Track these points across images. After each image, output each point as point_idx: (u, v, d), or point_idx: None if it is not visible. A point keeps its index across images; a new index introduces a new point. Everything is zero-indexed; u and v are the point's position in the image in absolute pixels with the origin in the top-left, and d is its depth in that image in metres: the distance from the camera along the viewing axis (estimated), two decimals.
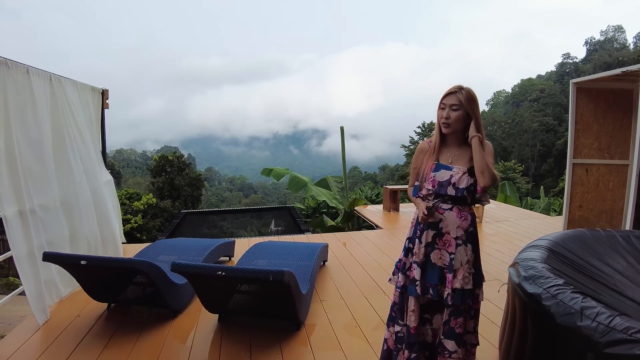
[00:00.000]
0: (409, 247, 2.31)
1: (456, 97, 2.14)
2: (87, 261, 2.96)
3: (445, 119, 2.17)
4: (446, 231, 2.20)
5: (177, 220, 7.97)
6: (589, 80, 5.40)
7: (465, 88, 2.16)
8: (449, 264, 2.18)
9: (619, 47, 59.68)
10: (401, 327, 2.31)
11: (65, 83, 4.12)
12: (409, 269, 2.28)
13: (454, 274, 2.16)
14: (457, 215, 2.19)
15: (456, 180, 2.16)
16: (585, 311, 1.84)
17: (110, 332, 3.19)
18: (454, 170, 2.18)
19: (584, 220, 5.70)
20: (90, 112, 4.77)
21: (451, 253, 2.18)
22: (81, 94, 4.48)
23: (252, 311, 3.24)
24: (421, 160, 2.30)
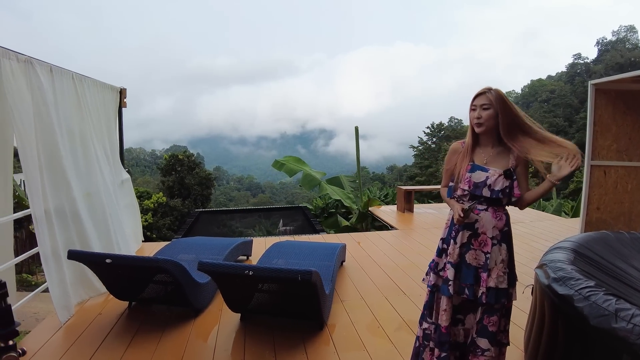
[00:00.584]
0: (442, 247, 2.34)
1: (486, 97, 2.18)
2: (112, 260, 2.99)
3: (477, 119, 2.20)
4: (482, 231, 2.22)
5: (192, 219, 8.02)
6: (608, 82, 5.36)
7: (494, 88, 2.20)
8: (484, 263, 2.21)
9: (631, 47, 58.99)
10: (429, 325, 2.34)
11: (85, 82, 4.17)
12: (442, 269, 2.31)
13: (488, 273, 2.19)
14: (493, 216, 2.23)
15: (492, 182, 2.18)
16: (620, 313, 1.83)
17: (132, 331, 3.22)
18: (490, 172, 2.20)
19: (602, 223, 5.66)
20: (110, 110, 4.82)
21: (487, 252, 2.21)
22: (101, 93, 4.53)
23: (275, 310, 3.26)
24: (454, 161, 2.32)
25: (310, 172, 10.18)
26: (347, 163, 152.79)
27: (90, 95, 4.22)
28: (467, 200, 2.25)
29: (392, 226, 7.18)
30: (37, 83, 3.23)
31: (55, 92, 3.53)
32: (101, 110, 4.49)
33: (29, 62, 3.18)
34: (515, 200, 2.23)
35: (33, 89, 3.18)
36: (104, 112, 4.60)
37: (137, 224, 5.31)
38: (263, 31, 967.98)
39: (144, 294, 3.48)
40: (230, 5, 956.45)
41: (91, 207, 3.86)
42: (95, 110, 4.31)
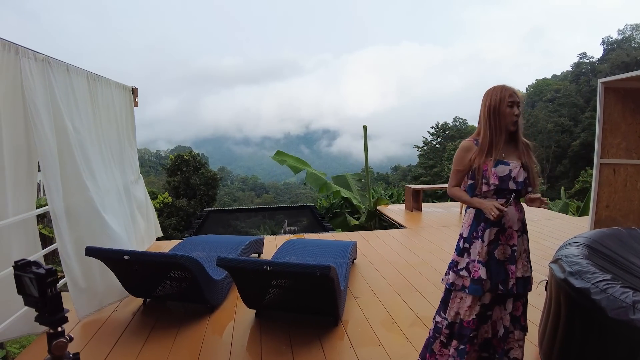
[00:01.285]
0: (464, 247, 2.31)
1: (519, 96, 2.26)
2: (130, 256, 3.03)
3: (517, 116, 2.24)
4: (509, 226, 2.26)
5: (202, 218, 8.08)
6: (617, 80, 5.36)
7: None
8: (510, 255, 2.26)
9: (637, 46, 58.56)
10: (441, 320, 2.37)
11: (99, 81, 4.22)
12: (466, 269, 2.28)
13: (515, 265, 2.25)
14: (516, 209, 2.27)
15: (516, 174, 2.22)
16: (638, 305, 1.86)
17: (148, 328, 3.26)
18: (512, 164, 2.24)
19: (611, 221, 5.66)
20: (124, 109, 4.87)
21: (513, 245, 2.26)
22: (114, 92, 4.59)
23: (290, 306, 3.30)
24: (469, 159, 2.30)
25: (314, 172, 10.19)
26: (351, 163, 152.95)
27: (104, 94, 4.27)
28: (492, 197, 2.26)
29: (401, 225, 7.20)
30: (54, 82, 3.28)
31: (74, 91, 3.58)
32: (116, 108, 4.55)
33: (46, 62, 3.22)
34: (530, 191, 2.30)
35: (50, 88, 3.22)
36: (118, 111, 4.65)
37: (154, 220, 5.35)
38: (269, 31, 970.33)
39: (159, 290, 3.51)
40: (238, 5, 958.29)
41: (107, 204, 3.90)
42: (109, 109, 4.37)
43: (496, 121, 2.24)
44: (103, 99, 4.23)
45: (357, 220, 9.69)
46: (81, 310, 3.37)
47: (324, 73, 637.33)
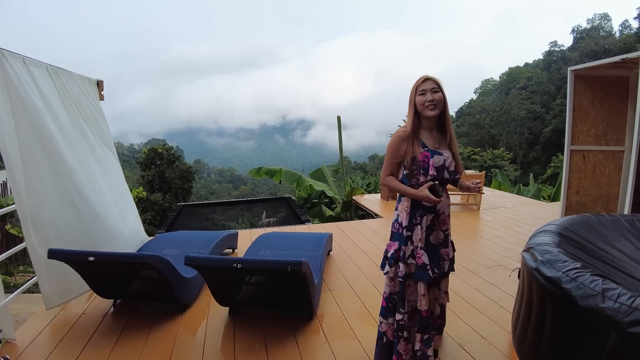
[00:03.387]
0: (407, 235, 2.36)
1: (433, 81, 2.30)
2: (95, 257, 2.90)
3: (431, 102, 2.26)
4: (442, 212, 2.40)
5: (174, 213, 7.89)
6: (586, 68, 5.44)
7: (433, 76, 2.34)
8: (444, 239, 2.43)
9: (605, 35, 60.19)
10: (403, 315, 2.38)
11: (61, 74, 4.01)
12: (411, 257, 2.35)
13: (447, 247, 2.46)
14: (447, 195, 2.43)
15: (449, 164, 2.33)
16: (606, 293, 1.87)
17: (119, 329, 3.16)
18: (445, 155, 2.33)
19: (581, 206, 5.79)
20: (92, 102, 4.65)
21: (446, 230, 2.44)
22: (81, 85, 4.38)
23: (264, 302, 3.23)
24: (404, 149, 2.33)
25: (288, 170, 10.30)
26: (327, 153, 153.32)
27: (69, 87, 4.07)
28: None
29: (376, 214, 7.21)
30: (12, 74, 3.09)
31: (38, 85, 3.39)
32: (83, 102, 4.34)
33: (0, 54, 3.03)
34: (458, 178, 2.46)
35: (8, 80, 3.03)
36: (85, 104, 4.44)
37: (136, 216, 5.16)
38: (246, 19, 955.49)
39: (129, 291, 3.41)
40: None
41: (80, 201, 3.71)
42: (76, 103, 4.15)
43: (414, 110, 2.32)
44: (68, 91, 4.02)
45: (332, 212, 9.68)
46: (50, 301, 3.22)
47: (302, 61, 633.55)
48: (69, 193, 3.48)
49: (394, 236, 2.45)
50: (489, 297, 3.55)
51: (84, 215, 3.60)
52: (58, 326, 3.24)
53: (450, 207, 2.52)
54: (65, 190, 3.44)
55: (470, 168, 27.99)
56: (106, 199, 4.02)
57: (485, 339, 2.87)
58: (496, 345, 2.79)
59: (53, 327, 3.24)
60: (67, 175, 3.45)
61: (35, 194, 3.14)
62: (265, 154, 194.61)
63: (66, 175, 3.45)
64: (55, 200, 3.36)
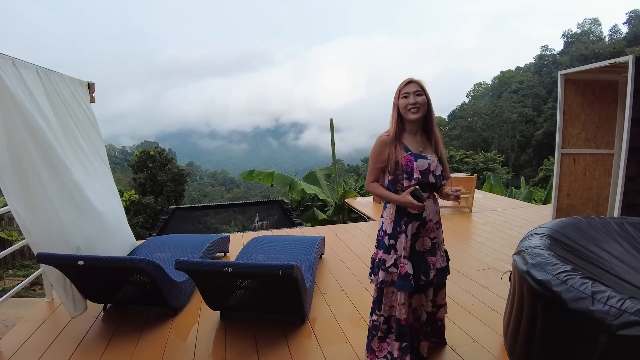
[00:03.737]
0: (390, 244, 2.34)
1: (416, 84, 2.25)
2: (84, 261, 2.86)
3: (413, 105, 2.23)
4: (429, 219, 2.33)
5: (166, 216, 7.84)
6: (576, 72, 5.49)
7: (417, 79, 2.29)
8: (431, 247, 2.36)
9: (595, 40, 60.93)
10: (377, 317, 2.45)
11: (51, 76, 3.97)
12: (394, 266, 2.33)
13: (435, 256, 2.38)
14: (434, 201, 2.37)
15: (434, 168, 2.27)
16: (596, 295, 1.88)
17: (109, 334, 3.13)
18: (430, 158, 2.28)
19: (572, 209, 5.83)
20: (82, 105, 4.61)
21: (433, 238, 2.37)
22: (72, 88, 4.33)
23: (255, 307, 3.22)
24: (387, 154, 2.30)
25: (280, 173, 10.29)
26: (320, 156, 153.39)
27: (59, 89, 4.02)
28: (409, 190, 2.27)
29: (369, 217, 7.21)
30: (4, 75, 3.04)
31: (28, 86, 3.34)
32: (73, 104, 4.29)
33: None
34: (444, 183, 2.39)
35: None
36: (76, 107, 4.39)
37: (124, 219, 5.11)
38: (239, 22, 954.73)
39: (120, 295, 3.37)
40: None
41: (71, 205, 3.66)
42: (66, 105, 4.11)
43: (397, 113, 2.29)
44: (59, 95, 3.98)
45: (325, 214, 9.68)
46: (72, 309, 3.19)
47: (295, 64, 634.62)
48: (70, 190, 3.43)
49: (378, 244, 2.43)
50: (480, 299, 3.56)
51: (86, 212, 3.56)
52: (47, 331, 3.20)
53: (440, 213, 2.46)
54: (65, 187, 3.39)
55: (462, 171, 28.15)
56: (100, 200, 3.98)
57: (477, 342, 2.87)
58: (488, 348, 2.80)
59: (42, 332, 3.19)
60: (66, 174, 3.41)
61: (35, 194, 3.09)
62: (258, 157, 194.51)
63: (65, 174, 3.41)
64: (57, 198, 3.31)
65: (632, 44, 45.09)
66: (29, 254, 10.56)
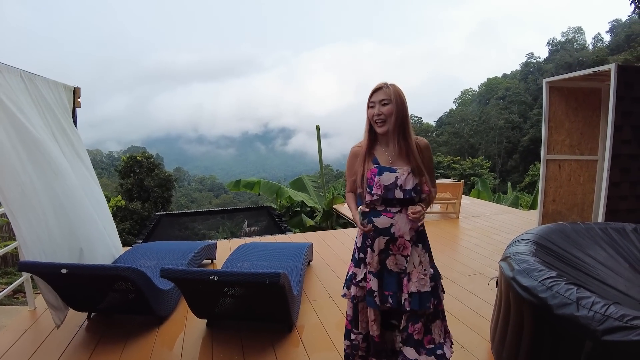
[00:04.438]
0: (360, 257, 2.21)
1: (384, 92, 2.06)
2: (67, 269, 2.81)
3: (378, 116, 2.06)
4: (399, 235, 2.10)
5: (152, 222, 7.75)
6: (561, 80, 5.58)
7: (391, 84, 2.10)
8: (406, 267, 2.12)
9: (578, 48, 62.14)
10: (356, 336, 2.28)
11: (36, 80, 3.91)
12: (363, 280, 2.18)
13: (408, 277, 2.11)
14: (409, 219, 2.09)
15: (402, 182, 2.06)
16: (581, 301, 1.89)
17: (93, 343, 3.06)
18: (398, 171, 2.08)
19: (557, 214, 5.90)
20: (66, 110, 4.55)
21: (407, 256, 2.12)
22: (55, 92, 4.27)
23: (242, 314, 3.18)
24: (356, 166, 2.18)
25: (267, 181, 10.27)
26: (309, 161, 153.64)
27: (44, 94, 3.96)
28: (380, 205, 2.11)
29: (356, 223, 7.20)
30: None
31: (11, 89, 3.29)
32: (58, 109, 4.23)
33: None
34: (425, 196, 2.15)
35: None
36: (59, 112, 4.33)
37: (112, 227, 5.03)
38: (228, 27, 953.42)
39: (104, 303, 3.31)
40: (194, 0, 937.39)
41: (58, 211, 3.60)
42: (50, 110, 4.05)
43: (368, 123, 2.14)
44: (43, 98, 3.92)
45: (313, 221, 9.66)
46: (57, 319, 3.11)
47: (284, 70, 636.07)
48: (59, 197, 3.37)
49: (352, 257, 2.30)
50: (468, 305, 3.57)
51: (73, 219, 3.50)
52: (29, 341, 3.12)
53: (417, 229, 2.14)
54: (55, 194, 3.33)
55: (449, 177, 28.37)
56: (87, 207, 3.92)
57: (464, 348, 2.87)
58: (475, 354, 2.80)
59: (23, 342, 3.12)
60: (55, 180, 3.35)
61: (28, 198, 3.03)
62: (246, 162, 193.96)
63: (54, 179, 3.35)
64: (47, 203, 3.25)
65: (614, 52, 46.00)
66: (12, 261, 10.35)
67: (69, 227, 3.41)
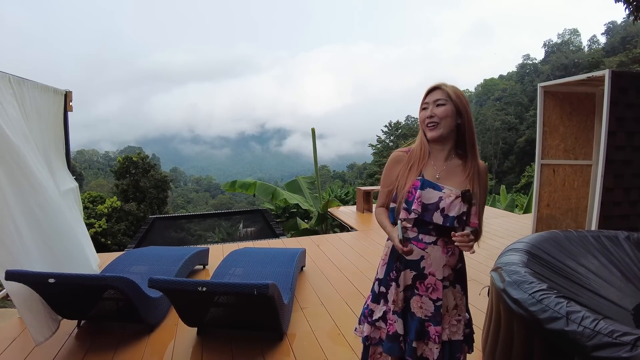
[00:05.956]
0: (380, 291, 1.86)
1: (441, 91, 1.71)
2: (55, 279, 2.77)
3: (430, 118, 1.69)
4: (430, 272, 1.73)
5: (146, 226, 7.70)
6: (555, 84, 5.59)
7: (451, 85, 1.75)
8: (433, 313, 1.75)
9: (574, 50, 62.45)
10: None
11: (25, 85, 3.87)
12: (382, 320, 1.84)
13: (441, 325, 1.76)
14: (443, 251, 1.73)
15: (446, 206, 1.67)
16: (571, 316, 1.87)
17: (82, 352, 3.02)
18: (445, 191, 1.70)
19: (552, 219, 5.90)
20: (54, 115, 4.51)
21: (437, 300, 1.74)
22: (43, 97, 4.23)
23: (233, 323, 3.15)
24: (396, 175, 1.80)
25: (263, 183, 10.24)
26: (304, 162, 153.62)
27: (31, 99, 3.92)
28: (412, 229, 1.75)
29: (351, 227, 7.19)
30: None
31: None
32: (44, 115, 4.19)
33: None
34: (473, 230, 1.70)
35: None
36: (47, 117, 4.29)
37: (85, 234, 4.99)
38: (224, 28, 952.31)
39: (94, 311, 3.27)
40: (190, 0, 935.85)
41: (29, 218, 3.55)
42: (38, 116, 4.01)
43: (421, 130, 1.79)
44: (30, 104, 3.88)
45: (307, 224, 9.65)
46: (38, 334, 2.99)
47: (280, 71, 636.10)
48: (33, 210, 3.33)
49: (371, 288, 1.94)
50: None
51: (49, 233, 3.46)
52: (17, 350, 3.08)
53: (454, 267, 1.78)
54: (29, 207, 3.29)
55: None
56: (65, 219, 3.88)
57: None
58: None
59: (11, 351, 3.07)
60: (29, 192, 3.31)
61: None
62: (243, 163, 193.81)
63: (29, 192, 3.31)
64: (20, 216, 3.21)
65: (610, 54, 46.23)
66: None
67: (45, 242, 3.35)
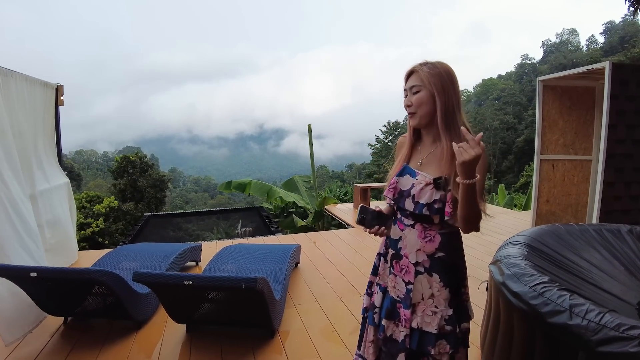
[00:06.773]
0: (375, 263, 1.89)
1: (416, 76, 1.58)
2: (37, 272, 2.67)
3: (407, 107, 1.61)
4: (404, 253, 1.68)
5: (140, 223, 7.59)
6: (554, 78, 5.50)
7: (430, 62, 1.59)
8: (404, 296, 1.68)
9: (573, 50, 62.55)
10: (356, 357, 1.93)
11: (13, 77, 3.77)
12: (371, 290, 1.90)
13: (412, 309, 1.66)
14: (419, 235, 1.65)
15: (416, 193, 1.61)
16: (574, 309, 1.78)
17: (67, 349, 2.92)
18: (418, 178, 1.63)
19: (551, 215, 5.81)
20: (42, 108, 4.40)
21: (408, 283, 1.67)
22: (32, 90, 4.13)
23: (222, 320, 3.05)
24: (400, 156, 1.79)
25: (258, 181, 10.16)
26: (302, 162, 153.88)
27: (18, 91, 3.82)
28: (397, 211, 1.76)
29: (348, 224, 7.10)
30: None
31: None
32: (32, 108, 4.09)
33: None
34: (448, 219, 1.59)
35: None
36: (35, 111, 4.19)
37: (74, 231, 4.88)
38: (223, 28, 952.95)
39: (81, 308, 3.17)
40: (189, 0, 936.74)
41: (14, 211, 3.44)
42: (24, 109, 3.91)
43: None
44: (17, 96, 3.77)
45: (304, 222, 9.55)
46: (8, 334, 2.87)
47: (279, 71, 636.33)
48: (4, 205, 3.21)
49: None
50: None
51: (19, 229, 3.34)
52: None
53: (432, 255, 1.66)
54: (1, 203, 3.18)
55: None
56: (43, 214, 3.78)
57: None
58: None
59: None
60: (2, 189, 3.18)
61: None
62: (241, 163, 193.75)
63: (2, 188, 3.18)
64: None
65: (608, 53, 46.25)
66: None
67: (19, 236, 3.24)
